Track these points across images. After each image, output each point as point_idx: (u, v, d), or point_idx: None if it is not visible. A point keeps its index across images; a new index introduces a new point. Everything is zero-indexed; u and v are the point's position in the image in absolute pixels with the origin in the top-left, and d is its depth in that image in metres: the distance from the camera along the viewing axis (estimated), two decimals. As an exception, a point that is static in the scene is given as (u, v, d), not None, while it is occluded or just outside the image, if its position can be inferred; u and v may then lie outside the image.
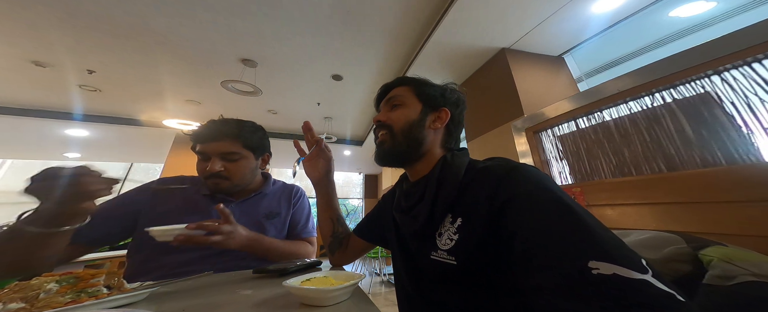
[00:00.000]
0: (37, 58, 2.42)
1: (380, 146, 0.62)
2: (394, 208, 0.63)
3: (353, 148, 5.46)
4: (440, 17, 1.96)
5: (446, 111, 0.61)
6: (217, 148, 0.81)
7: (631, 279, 0.26)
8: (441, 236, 0.47)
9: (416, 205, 0.54)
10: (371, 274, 4.23)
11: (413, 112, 0.60)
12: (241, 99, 3.17)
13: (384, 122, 0.61)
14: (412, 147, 0.58)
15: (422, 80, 0.65)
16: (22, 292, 0.37)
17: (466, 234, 0.43)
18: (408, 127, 0.58)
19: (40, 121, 3.53)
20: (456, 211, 0.47)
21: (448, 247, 0.45)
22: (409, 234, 0.56)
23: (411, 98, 0.62)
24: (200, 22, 2.06)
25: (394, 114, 0.61)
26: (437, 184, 0.51)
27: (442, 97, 0.62)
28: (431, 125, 0.60)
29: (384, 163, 0.62)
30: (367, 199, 8.04)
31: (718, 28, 1.60)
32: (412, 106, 0.61)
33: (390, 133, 0.60)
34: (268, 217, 0.89)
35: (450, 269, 0.44)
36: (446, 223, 0.47)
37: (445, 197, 0.48)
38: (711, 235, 0.90)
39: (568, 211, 0.34)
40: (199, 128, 0.85)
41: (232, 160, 0.83)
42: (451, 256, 0.44)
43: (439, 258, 0.46)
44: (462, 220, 0.45)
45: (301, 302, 0.41)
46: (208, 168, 0.79)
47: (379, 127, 0.62)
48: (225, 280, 0.60)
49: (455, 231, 0.45)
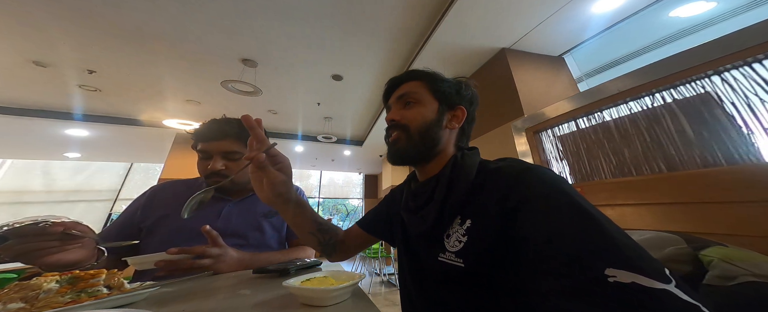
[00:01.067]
0: (37, 58, 2.42)
1: (393, 145, 0.57)
2: (402, 207, 0.62)
3: (353, 148, 5.46)
4: (440, 17, 1.96)
5: (463, 109, 0.58)
6: (220, 147, 0.82)
7: (652, 288, 0.25)
8: (449, 238, 0.46)
9: (425, 206, 0.53)
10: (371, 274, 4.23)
11: (430, 111, 0.56)
12: (241, 99, 3.17)
13: (399, 122, 0.57)
14: (428, 147, 0.55)
15: (435, 74, 0.60)
16: (22, 292, 0.37)
17: (476, 236, 0.42)
18: (425, 127, 0.55)
19: (40, 121, 3.53)
20: (466, 213, 0.45)
21: (457, 249, 0.44)
22: (416, 234, 0.55)
23: (426, 95, 0.58)
24: (200, 21, 2.06)
25: (410, 113, 0.57)
26: (447, 185, 0.50)
27: (457, 95, 0.59)
28: (448, 125, 0.57)
29: (397, 162, 0.59)
30: (367, 199, 8.03)
31: (718, 28, 1.60)
32: (429, 104, 0.57)
33: (406, 133, 0.56)
34: (266, 216, 0.89)
35: (457, 271, 0.43)
36: (455, 225, 0.46)
37: (455, 199, 0.47)
38: (711, 235, 0.90)
39: (584, 215, 0.32)
40: (200, 127, 0.85)
41: (234, 159, 0.83)
42: (459, 258, 0.43)
43: (446, 260, 0.45)
44: (471, 222, 0.44)
45: (301, 302, 0.41)
46: (210, 166, 0.79)
47: (394, 127, 0.58)
48: (225, 281, 0.60)
49: (464, 233, 0.44)
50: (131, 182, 6.36)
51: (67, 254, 0.54)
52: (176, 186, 0.90)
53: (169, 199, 0.84)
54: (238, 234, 0.82)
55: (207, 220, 0.81)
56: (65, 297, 0.38)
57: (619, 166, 1.31)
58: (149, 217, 0.79)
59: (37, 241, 0.51)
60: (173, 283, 0.56)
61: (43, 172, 5.88)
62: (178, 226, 0.77)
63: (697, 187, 1.01)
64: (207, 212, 0.83)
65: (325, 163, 7.08)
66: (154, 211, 0.81)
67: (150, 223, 0.78)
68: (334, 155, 6.19)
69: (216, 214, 0.83)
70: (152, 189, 0.88)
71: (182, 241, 0.66)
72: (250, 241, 0.83)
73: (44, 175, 5.89)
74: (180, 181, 0.92)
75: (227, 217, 0.83)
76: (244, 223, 0.85)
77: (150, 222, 0.78)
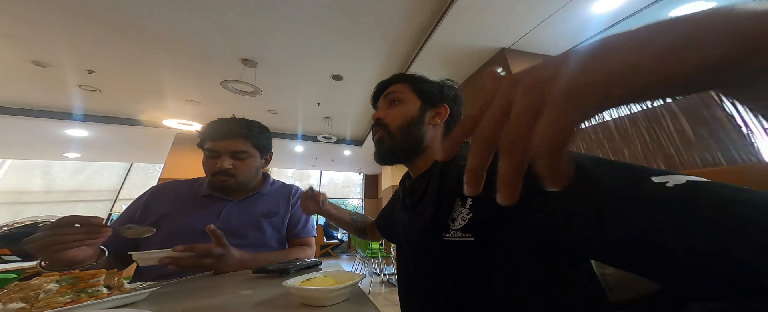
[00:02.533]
0: (37, 58, 2.42)
1: (379, 144, 0.61)
2: (400, 206, 0.63)
3: (353, 148, 5.46)
4: (440, 17, 1.96)
5: (445, 107, 0.61)
6: (229, 146, 0.83)
7: (703, 181, 0.23)
8: (454, 221, 0.45)
9: (421, 201, 0.54)
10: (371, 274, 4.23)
11: (412, 109, 0.59)
12: (241, 99, 3.17)
13: (382, 120, 0.60)
14: (412, 144, 0.58)
15: (419, 77, 0.64)
16: (22, 292, 0.37)
17: (480, 208, 0.42)
18: (406, 124, 0.58)
19: (40, 121, 3.53)
20: (465, 194, 0.45)
21: (462, 226, 0.43)
22: (419, 229, 0.54)
23: (409, 95, 0.61)
24: (200, 21, 2.06)
25: (393, 111, 0.60)
26: (440, 176, 0.51)
27: (440, 93, 0.62)
28: (431, 121, 0.60)
29: (384, 162, 0.61)
30: (367, 199, 8.03)
31: (718, 28, 1.60)
32: (411, 102, 0.60)
33: (387, 132, 0.59)
34: (266, 216, 0.89)
35: (469, 246, 0.42)
36: (457, 208, 0.46)
37: (450, 186, 0.48)
38: (711, 235, 0.90)
39: (597, 159, 0.32)
40: (209, 126, 0.86)
41: (241, 159, 0.85)
42: (467, 233, 0.42)
43: (453, 238, 0.44)
44: (473, 199, 0.44)
45: (301, 302, 0.41)
46: (218, 165, 0.81)
47: (377, 125, 0.61)
48: (225, 280, 0.60)
49: (468, 211, 0.43)
50: (131, 182, 6.35)
51: (81, 251, 0.56)
52: (177, 186, 0.91)
53: (170, 198, 0.85)
54: (239, 233, 0.82)
55: (207, 219, 0.81)
56: (65, 297, 0.38)
57: (619, 166, 1.31)
58: (150, 216, 0.80)
59: (69, 232, 0.54)
60: (173, 283, 0.56)
61: (42, 172, 5.88)
62: (180, 226, 0.77)
63: (697, 187, 1.01)
64: (208, 212, 0.83)
65: (325, 163, 7.08)
66: (156, 211, 0.81)
67: (151, 222, 0.78)
68: (334, 155, 6.19)
69: (216, 213, 0.83)
70: (153, 189, 0.88)
71: (184, 240, 0.66)
72: (250, 241, 0.83)
73: (44, 175, 5.89)
74: (181, 181, 0.93)
75: (227, 217, 0.84)
76: (245, 222, 0.85)
77: (151, 221, 0.79)
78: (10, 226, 1.12)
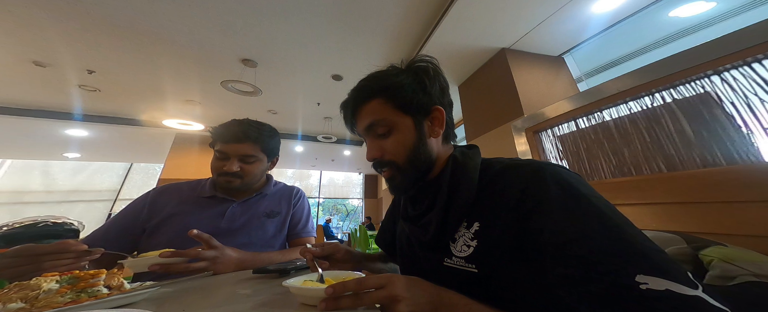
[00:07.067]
0: (37, 58, 2.42)
1: (391, 182, 0.53)
2: (401, 215, 0.59)
3: (353, 148, 5.46)
4: (440, 17, 1.95)
5: (439, 109, 0.52)
6: (239, 150, 0.84)
7: (685, 296, 0.25)
8: (455, 242, 0.44)
9: (426, 213, 0.50)
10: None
11: (408, 134, 0.50)
12: (241, 99, 3.17)
13: (382, 159, 0.51)
14: (424, 168, 0.51)
15: (393, 84, 0.51)
16: (22, 292, 0.37)
17: (487, 240, 0.40)
18: (412, 153, 0.50)
19: (40, 121, 3.52)
20: (472, 216, 0.43)
21: (466, 255, 0.41)
22: (418, 244, 0.52)
23: (395, 116, 0.50)
24: (200, 21, 2.05)
25: (389, 144, 0.50)
26: (449, 190, 0.46)
27: (424, 94, 0.51)
28: (432, 133, 0.52)
29: (401, 195, 0.58)
30: (366, 199, 8.04)
31: (718, 28, 1.60)
32: (402, 124, 0.50)
33: (397, 169, 0.51)
34: (269, 216, 0.90)
35: (471, 277, 0.40)
36: (461, 229, 0.44)
37: (460, 204, 0.44)
38: (711, 235, 0.90)
39: (605, 218, 0.31)
40: (222, 127, 0.87)
41: (249, 162, 0.86)
42: (471, 264, 0.40)
43: (454, 265, 0.42)
44: (480, 225, 0.41)
45: (301, 302, 0.41)
46: (226, 167, 0.82)
47: (379, 165, 0.53)
48: (225, 280, 0.60)
49: (473, 237, 0.41)
50: (131, 182, 6.36)
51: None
52: (181, 187, 0.91)
53: (174, 200, 0.85)
54: (243, 233, 0.83)
55: (212, 220, 0.81)
56: (65, 297, 0.38)
57: (618, 166, 1.31)
58: (154, 217, 0.80)
59: (58, 258, 0.53)
60: (173, 283, 0.56)
61: (42, 172, 5.88)
62: (186, 226, 0.77)
63: (697, 186, 1.01)
64: (212, 212, 0.84)
65: (325, 163, 7.08)
66: (160, 212, 0.81)
67: (155, 223, 0.79)
68: (334, 155, 6.19)
69: (220, 214, 0.84)
70: (156, 190, 0.89)
71: (188, 241, 0.66)
72: (254, 240, 0.84)
73: (44, 175, 5.89)
74: (184, 183, 0.94)
75: (232, 217, 0.85)
76: (248, 222, 0.86)
77: (155, 222, 0.79)
78: (10, 226, 1.12)
